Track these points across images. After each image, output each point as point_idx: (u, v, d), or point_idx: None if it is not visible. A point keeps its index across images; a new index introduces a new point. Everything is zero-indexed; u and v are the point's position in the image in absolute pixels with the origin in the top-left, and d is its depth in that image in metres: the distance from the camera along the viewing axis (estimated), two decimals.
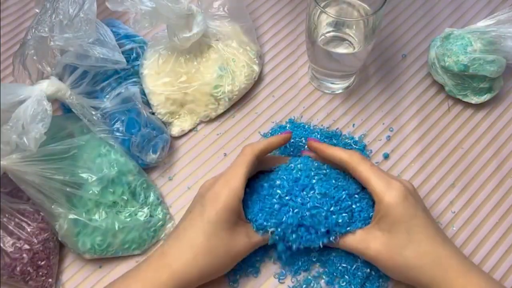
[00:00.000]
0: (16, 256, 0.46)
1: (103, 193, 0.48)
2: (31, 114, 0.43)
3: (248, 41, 0.58)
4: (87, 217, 0.48)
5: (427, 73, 0.60)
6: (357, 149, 0.55)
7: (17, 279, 0.47)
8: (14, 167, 0.44)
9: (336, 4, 0.53)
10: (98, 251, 0.48)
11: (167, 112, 0.56)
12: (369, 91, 0.59)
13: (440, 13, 0.65)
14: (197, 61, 0.56)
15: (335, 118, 0.58)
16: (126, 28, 0.59)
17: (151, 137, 0.52)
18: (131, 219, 0.49)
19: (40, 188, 0.46)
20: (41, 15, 0.48)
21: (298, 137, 0.55)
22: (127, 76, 0.55)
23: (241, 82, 0.57)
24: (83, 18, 0.46)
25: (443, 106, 0.58)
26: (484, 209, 0.52)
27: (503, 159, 0.55)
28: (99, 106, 0.51)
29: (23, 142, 0.42)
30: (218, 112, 0.58)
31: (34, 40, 0.48)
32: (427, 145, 0.56)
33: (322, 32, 0.53)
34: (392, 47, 0.62)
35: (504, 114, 0.58)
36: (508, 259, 0.50)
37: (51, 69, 0.49)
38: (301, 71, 0.61)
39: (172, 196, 0.54)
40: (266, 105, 0.59)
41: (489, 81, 0.55)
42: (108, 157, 0.50)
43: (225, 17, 0.57)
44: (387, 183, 0.44)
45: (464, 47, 0.54)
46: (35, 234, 0.47)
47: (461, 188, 0.53)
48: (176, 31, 0.53)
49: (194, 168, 0.55)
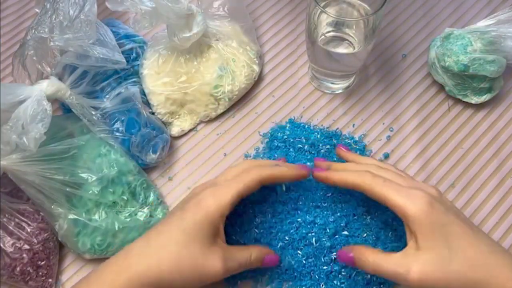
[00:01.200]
0: (16, 256, 0.46)
1: (103, 193, 0.48)
2: (31, 114, 0.43)
3: (248, 41, 0.58)
4: (87, 217, 0.48)
5: (427, 73, 0.60)
6: (357, 149, 0.55)
7: (17, 279, 0.47)
8: (14, 167, 0.44)
9: (336, 4, 0.53)
10: (98, 251, 0.48)
11: (167, 112, 0.56)
12: (369, 91, 0.59)
13: (440, 13, 0.65)
14: (197, 61, 0.56)
15: (335, 118, 0.58)
16: (126, 28, 0.59)
17: (151, 137, 0.52)
18: (131, 219, 0.49)
19: (40, 188, 0.46)
20: (41, 15, 0.48)
21: (298, 137, 0.55)
22: (127, 76, 0.55)
23: (241, 82, 0.57)
24: (84, 19, 0.46)
25: (443, 106, 0.58)
26: (484, 209, 0.52)
27: (503, 159, 0.55)
28: (99, 106, 0.51)
29: (23, 142, 0.42)
30: (218, 112, 0.58)
31: (34, 41, 0.48)
32: (427, 145, 0.56)
33: (322, 32, 0.53)
34: (392, 47, 0.62)
35: (504, 114, 0.58)
36: None
37: (51, 70, 0.49)
38: (301, 71, 0.61)
39: (172, 196, 0.54)
40: (266, 105, 0.59)
41: (489, 81, 0.55)
42: (108, 157, 0.50)
43: (225, 17, 0.57)
44: (407, 195, 0.39)
45: (464, 47, 0.54)
46: (35, 234, 0.47)
47: (461, 188, 0.53)
48: (176, 31, 0.53)
49: (194, 168, 0.55)
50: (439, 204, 0.39)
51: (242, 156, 0.56)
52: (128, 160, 0.51)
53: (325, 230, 0.47)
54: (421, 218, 0.38)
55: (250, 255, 0.42)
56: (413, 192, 0.40)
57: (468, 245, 0.38)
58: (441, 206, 0.39)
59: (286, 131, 0.56)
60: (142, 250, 0.40)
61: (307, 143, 0.54)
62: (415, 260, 0.38)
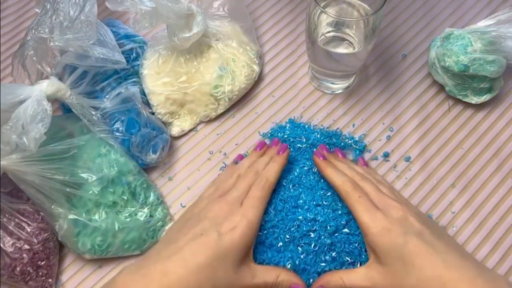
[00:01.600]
0: (16, 256, 0.46)
1: (103, 193, 0.48)
2: (31, 114, 0.43)
3: (248, 41, 0.58)
4: (87, 217, 0.47)
5: (427, 73, 0.60)
6: (357, 149, 0.55)
7: (17, 279, 0.47)
8: (14, 167, 0.44)
9: (336, 4, 0.53)
10: (98, 251, 0.48)
11: (167, 112, 0.56)
12: (369, 91, 0.59)
13: (440, 13, 0.65)
14: (197, 61, 0.56)
15: (335, 118, 0.58)
16: (126, 28, 0.59)
17: (151, 137, 0.52)
18: (131, 219, 0.49)
19: (40, 188, 0.46)
20: (41, 15, 0.48)
21: (298, 137, 0.55)
22: (127, 76, 0.55)
23: (241, 82, 0.57)
24: (84, 20, 0.46)
25: (443, 106, 0.58)
26: (484, 209, 0.52)
27: (503, 159, 0.55)
28: (99, 106, 0.51)
29: (23, 142, 0.42)
30: (218, 112, 0.58)
31: (33, 41, 0.48)
32: (427, 145, 0.56)
33: (322, 32, 0.53)
34: (392, 47, 0.62)
35: (504, 114, 0.58)
36: (508, 259, 0.50)
37: (51, 70, 0.49)
38: (301, 71, 0.61)
39: (172, 196, 0.54)
40: (266, 105, 0.59)
41: (489, 81, 0.55)
42: (108, 157, 0.50)
43: (225, 17, 0.57)
44: (372, 216, 0.43)
45: (464, 47, 0.54)
46: (35, 234, 0.47)
47: (461, 188, 0.53)
48: (176, 31, 0.53)
49: (194, 168, 0.55)
50: (398, 226, 0.42)
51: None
52: (128, 160, 0.51)
53: (326, 228, 0.47)
54: (378, 240, 0.42)
55: (278, 276, 0.44)
56: (377, 214, 0.44)
57: (426, 263, 0.40)
58: (400, 228, 0.42)
59: (286, 131, 0.56)
60: (179, 271, 0.40)
61: (307, 143, 0.54)
62: (377, 274, 0.43)
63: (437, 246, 0.41)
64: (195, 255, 0.41)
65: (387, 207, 0.45)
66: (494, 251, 0.50)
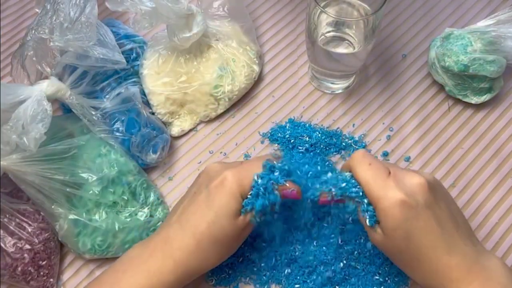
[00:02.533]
0: (17, 256, 0.46)
1: (103, 193, 0.48)
2: (31, 114, 0.43)
3: (248, 41, 0.58)
4: (87, 217, 0.48)
5: (427, 73, 0.60)
6: (357, 149, 0.55)
7: (18, 279, 0.47)
8: (14, 167, 0.44)
9: (336, 4, 0.53)
10: (98, 251, 0.48)
11: (167, 112, 0.56)
12: (369, 91, 0.59)
13: (440, 13, 0.65)
14: (197, 61, 0.56)
15: (335, 118, 0.58)
16: (126, 28, 0.59)
17: (151, 137, 0.53)
18: (131, 219, 0.49)
19: (40, 188, 0.46)
20: (41, 16, 0.48)
21: (300, 136, 0.55)
22: (127, 76, 0.55)
23: (241, 82, 0.57)
24: (84, 21, 0.45)
25: (443, 106, 0.58)
26: (484, 209, 0.52)
27: (503, 159, 0.55)
28: (99, 106, 0.51)
29: (23, 142, 0.42)
30: (218, 112, 0.58)
31: (33, 41, 0.48)
32: (427, 145, 0.56)
33: (322, 32, 0.53)
34: (392, 47, 0.62)
35: (504, 114, 0.58)
36: (508, 260, 0.50)
37: (51, 70, 0.49)
38: (301, 71, 0.61)
39: (172, 196, 0.54)
40: (266, 105, 0.59)
41: (489, 81, 0.55)
42: (108, 157, 0.50)
43: (225, 17, 0.57)
44: (383, 186, 0.41)
45: (464, 47, 0.54)
46: (36, 234, 0.47)
47: (461, 188, 0.53)
48: (176, 31, 0.53)
49: (194, 168, 0.55)
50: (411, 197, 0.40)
51: (242, 156, 0.56)
52: (128, 160, 0.51)
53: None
54: (387, 214, 0.40)
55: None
56: (390, 182, 0.41)
57: (426, 242, 0.39)
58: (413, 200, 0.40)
59: (286, 131, 0.56)
60: (178, 234, 0.43)
61: (307, 142, 0.54)
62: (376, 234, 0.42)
63: (447, 229, 0.40)
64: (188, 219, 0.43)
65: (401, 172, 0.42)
66: (494, 251, 0.50)
